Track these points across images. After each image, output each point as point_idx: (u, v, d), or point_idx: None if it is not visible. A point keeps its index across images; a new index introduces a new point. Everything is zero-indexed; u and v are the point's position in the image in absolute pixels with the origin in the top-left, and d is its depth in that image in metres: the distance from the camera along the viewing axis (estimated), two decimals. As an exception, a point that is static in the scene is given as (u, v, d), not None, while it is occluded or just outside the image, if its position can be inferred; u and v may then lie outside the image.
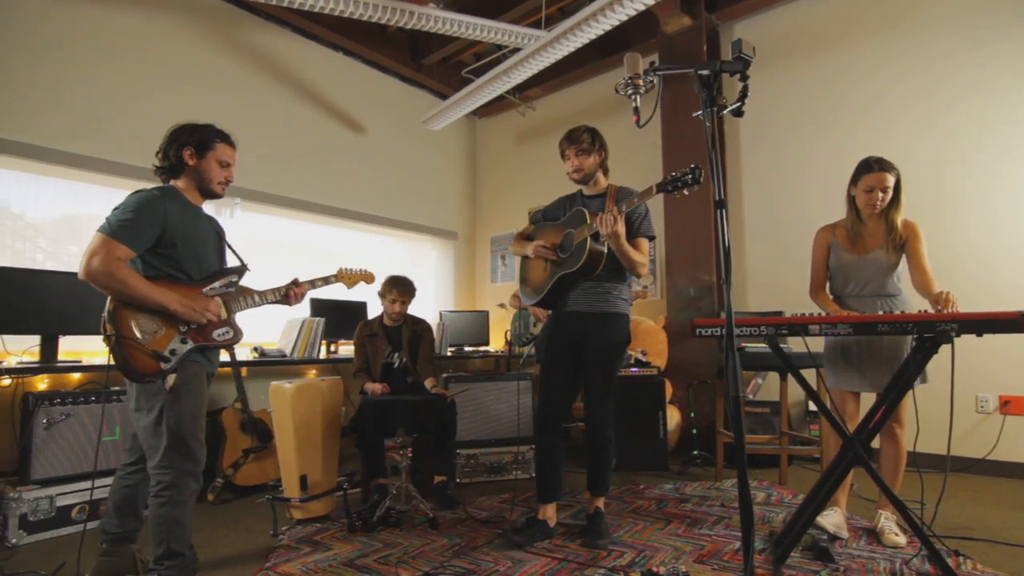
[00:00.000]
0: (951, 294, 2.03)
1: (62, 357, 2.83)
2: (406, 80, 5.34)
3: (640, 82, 1.67)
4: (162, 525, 1.76)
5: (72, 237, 3.32)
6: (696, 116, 1.55)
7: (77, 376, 2.92)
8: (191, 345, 1.84)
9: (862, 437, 2.01)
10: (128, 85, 3.50)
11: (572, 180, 2.47)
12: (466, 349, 4.89)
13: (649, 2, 3.27)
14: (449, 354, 4.63)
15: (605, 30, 3.55)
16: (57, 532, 2.46)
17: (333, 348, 4.09)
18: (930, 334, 1.85)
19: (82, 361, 2.89)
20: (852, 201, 2.41)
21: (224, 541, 2.40)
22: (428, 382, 3.11)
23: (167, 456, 1.77)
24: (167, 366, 1.77)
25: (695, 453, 3.54)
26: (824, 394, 2.67)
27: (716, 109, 1.53)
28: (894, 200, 2.33)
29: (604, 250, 2.24)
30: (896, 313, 2.19)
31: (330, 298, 4.04)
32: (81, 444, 2.61)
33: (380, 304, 3.25)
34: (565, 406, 2.47)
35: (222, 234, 2.10)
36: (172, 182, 1.96)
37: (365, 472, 2.94)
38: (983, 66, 3.37)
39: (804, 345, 2.14)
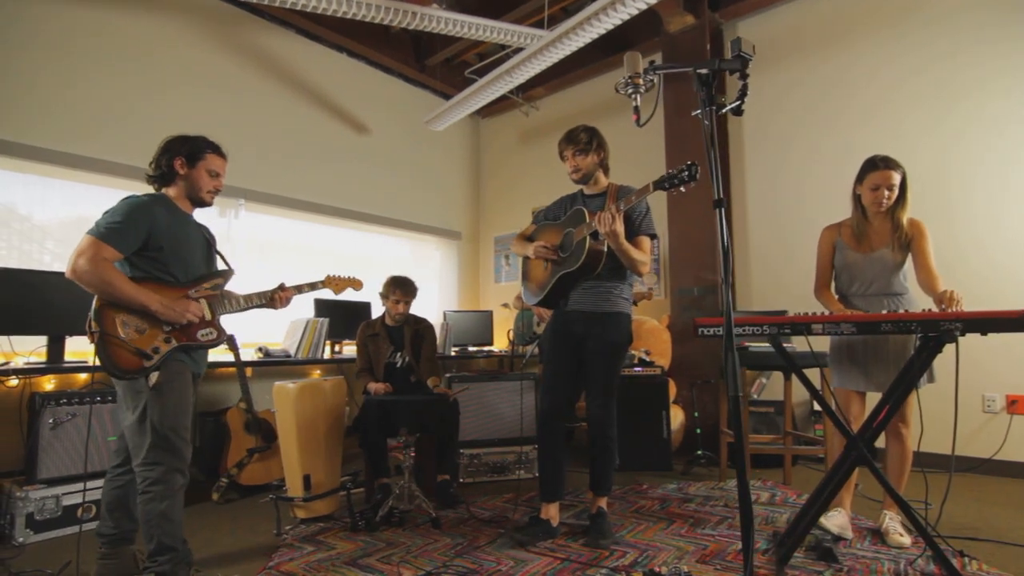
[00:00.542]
0: (955, 293, 2.01)
1: (68, 358, 2.86)
2: (409, 80, 5.35)
3: (640, 81, 1.67)
4: (152, 521, 1.79)
5: (80, 239, 3.34)
6: (696, 115, 1.55)
7: (83, 377, 2.94)
8: (174, 344, 1.88)
9: (866, 437, 2.00)
10: (134, 87, 3.53)
11: (572, 180, 2.47)
12: (470, 349, 4.89)
13: (651, 1, 3.26)
14: (453, 354, 4.64)
15: (607, 29, 3.55)
16: (63, 531, 2.47)
17: (337, 348, 4.10)
18: (934, 333, 1.84)
19: (88, 362, 2.91)
20: (858, 199, 2.40)
21: (228, 540, 2.41)
22: (430, 381, 3.11)
23: (152, 452, 1.80)
24: (149, 364, 1.81)
25: (699, 453, 3.53)
26: (828, 394, 2.65)
27: (715, 108, 1.52)
28: (900, 198, 2.31)
29: (604, 249, 2.23)
30: (901, 312, 2.18)
31: (334, 298, 4.04)
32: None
33: (382, 305, 3.26)
34: (567, 405, 2.47)
35: (212, 241, 2.15)
36: (164, 190, 2.03)
37: (368, 472, 2.95)
38: (990, 64, 3.34)
39: (807, 344, 2.14)
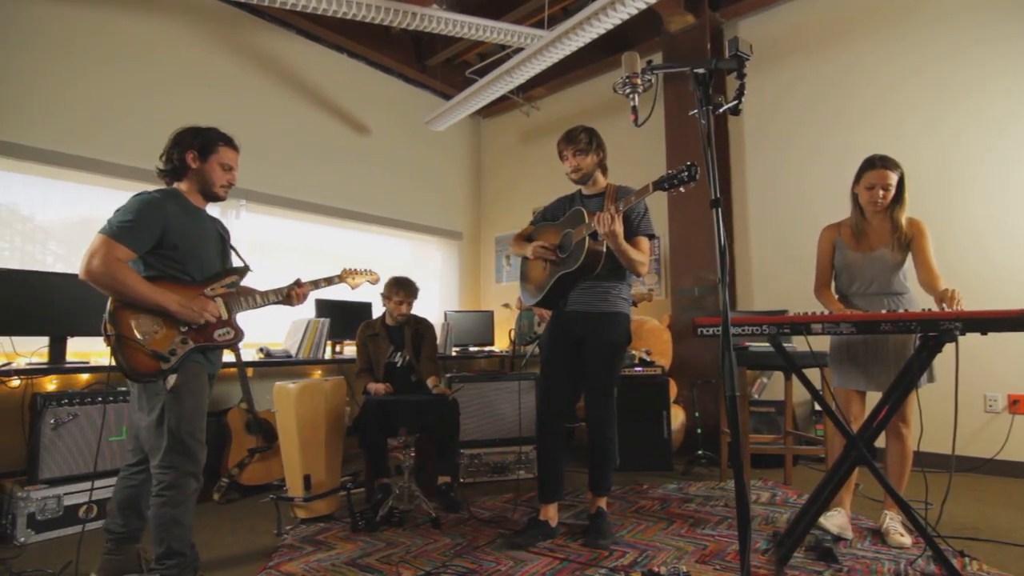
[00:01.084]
0: (956, 292, 2.01)
1: (70, 358, 2.87)
2: (410, 81, 5.35)
3: (638, 81, 1.67)
4: (163, 525, 1.77)
5: (82, 240, 3.33)
6: (692, 115, 1.55)
7: (85, 377, 2.95)
8: (191, 345, 1.85)
9: (866, 436, 2.00)
10: (134, 88, 3.54)
11: (571, 180, 2.47)
12: (471, 349, 4.90)
13: (651, 0, 3.26)
14: (454, 354, 4.64)
15: (607, 29, 3.54)
16: (64, 531, 2.48)
17: (338, 349, 4.11)
18: (934, 333, 1.84)
19: (90, 362, 2.92)
20: (856, 199, 2.40)
21: (228, 540, 2.42)
22: (430, 381, 3.11)
23: (168, 456, 1.78)
24: (167, 366, 1.78)
25: (700, 453, 3.53)
26: (828, 394, 2.65)
27: (712, 108, 1.52)
28: (898, 198, 2.31)
29: (603, 249, 2.23)
30: (900, 312, 2.18)
31: (335, 299, 4.06)
32: (88, 444, 2.63)
33: (383, 305, 3.26)
34: (566, 406, 2.47)
35: (226, 236, 2.10)
36: (175, 185, 1.98)
37: (368, 472, 2.95)
38: (990, 64, 3.33)
39: (807, 344, 2.14)
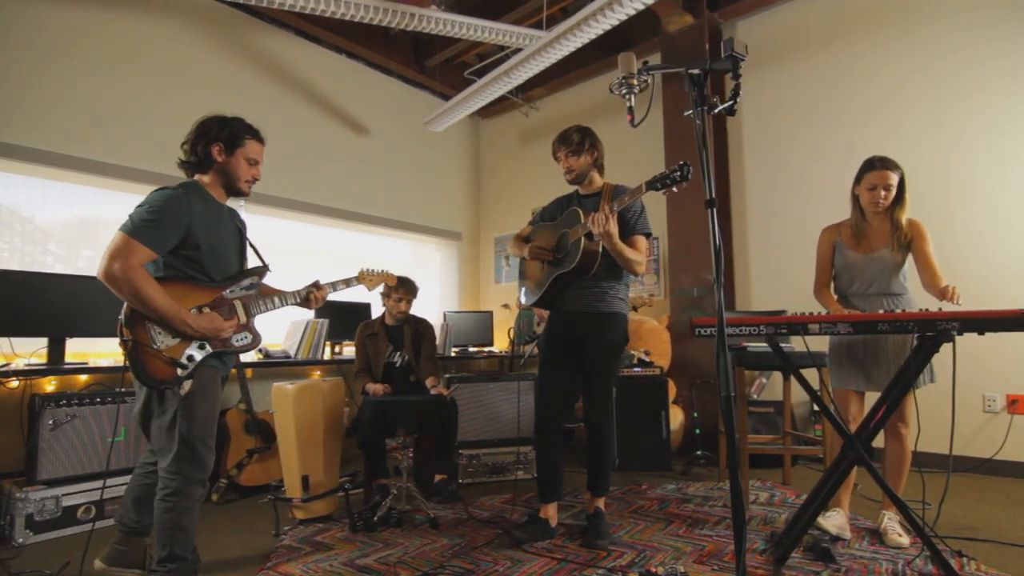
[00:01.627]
0: (955, 288, 2.04)
1: (69, 359, 2.87)
2: (409, 82, 5.36)
3: (634, 81, 1.67)
4: (166, 530, 1.75)
5: (82, 241, 3.37)
6: (687, 115, 1.55)
7: (84, 378, 2.96)
8: (208, 351, 1.80)
9: (863, 436, 2.00)
10: (134, 89, 3.54)
11: (567, 180, 2.48)
12: (470, 349, 4.90)
13: (649, 1, 3.26)
14: (453, 354, 4.64)
15: (605, 29, 3.55)
16: (63, 532, 2.48)
17: (337, 349, 4.11)
18: (931, 333, 1.84)
19: (88, 363, 2.93)
20: (856, 200, 2.40)
21: (227, 541, 2.42)
22: (429, 381, 3.12)
23: (176, 462, 1.74)
24: (183, 373, 1.74)
25: (698, 453, 3.53)
26: (826, 394, 2.65)
27: (707, 108, 1.52)
28: (898, 199, 2.31)
29: (599, 249, 2.24)
30: (898, 312, 2.18)
31: (334, 299, 4.05)
32: (86, 445, 2.64)
33: (383, 304, 3.26)
34: (565, 406, 2.48)
35: (244, 230, 2.03)
36: (196, 176, 1.89)
37: (367, 472, 2.95)
38: (990, 64, 3.33)
39: (804, 344, 2.14)
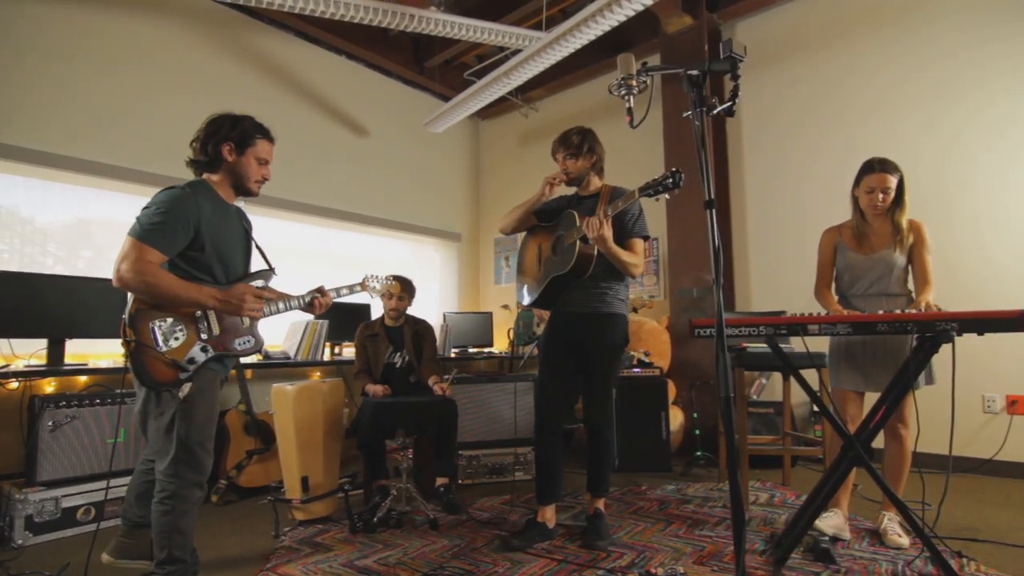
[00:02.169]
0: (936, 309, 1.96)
1: (68, 360, 2.87)
2: (409, 83, 5.36)
3: (633, 83, 1.67)
4: (164, 532, 1.74)
5: (81, 242, 3.37)
6: (686, 116, 1.55)
7: (83, 379, 2.95)
8: (211, 354, 1.79)
9: (863, 437, 2.00)
10: (133, 90, 3.54)
11: (566, 182, 2.48)
12: (470, 350, 4.90)
13: (648, 2, 3.26)
14: (453, 355, 4.64)
15: (605, 31, 3.55)
16: (62, 533, 2.48)
17: (337, 350, 4.11)
18: (930, 333, 1.84)
19: (88, 364, 2.93)
20: (856, 202, 2.40)
21: (226, 542, 2.42)
22: (432, 379, 3.11)
23: (173, 465, 1.73)
24: (185, 375, 1.73)
25: (698, 454, 3.53)
26: (826, 395, 2.65)
27: (706, 109, 1.52)
28: (898, 201, 2.31)
29: (594, 252, 2.25)
30: (897, 312, 2.18)
31: (334, 300, 4.05)
32: (86, 446, 2.64)
33: (382, 303, 3.26)
34: (565, 407, 2.47)
35: (250, 231, 2.01)
36: (206, 175, 1.87)
37: (367, 473, 2.95)
38: (990, 64, 3.33)
39: (803, 345, 2.14)
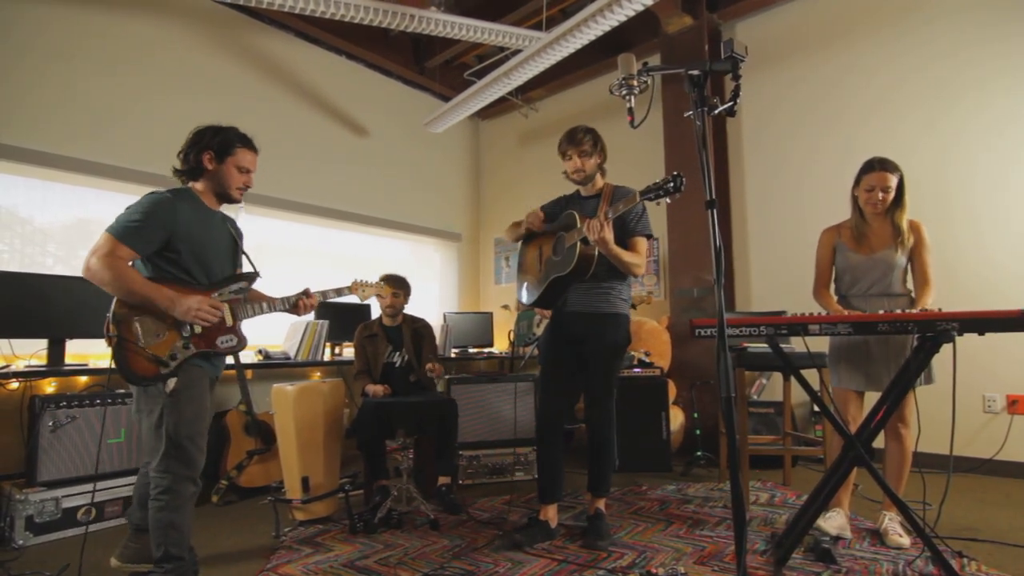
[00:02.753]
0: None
1: (69, 360, 2.87)
2: (409, 83, 5.36)
3: (634, 83, 1.67)
4: (160, 529, 1.77)
5: (81, 242, 3.37)
6: (687, 116, 1.55)
7: (84, 379, 2.95)
8: (193, 351, 1.84)
9: (863, 437, 2.00)
10: (133, 90, 3.54)
11: (571, 180, 2.47)
12: (470, 350, 4.90)
13: (648, 2, 3.26)
14: (453, 355, 4.64)
15: (605, 31, 3.55)
16: (63, 534, 2.48)
17: (337, 350, 4.11)
18: (931, 333, 1.84)
19: (89, 364, 2.92)
20: (855, 201, 2.40)
21: (227, 542, 2.42)
22: (428, 364, 3.12)
23: (164, 461, 1.77)
24: (166, 371, 1.77)
25: (699, 454, 3.53)
26: (826, 395, 2.65)
27: (707, 109, 1.52)
28: (898, 201, 2.31)
29: (594, 253, 2.24)
30: (897, 312, 2.18)
31: (334, 300, 4.05)
32: (87, 446, 2.63)
33: (378, 303, 3.27)
34: (566, 406, 2.48)
35: (238, 238, 2.08)
36: (191, 184, 1.96)
37: (367, 474, 2.95)
38: (990, 64, 3.33)
39: (804, 345, 2.14)
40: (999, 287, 3.16)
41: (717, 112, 1.55)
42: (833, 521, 2.26)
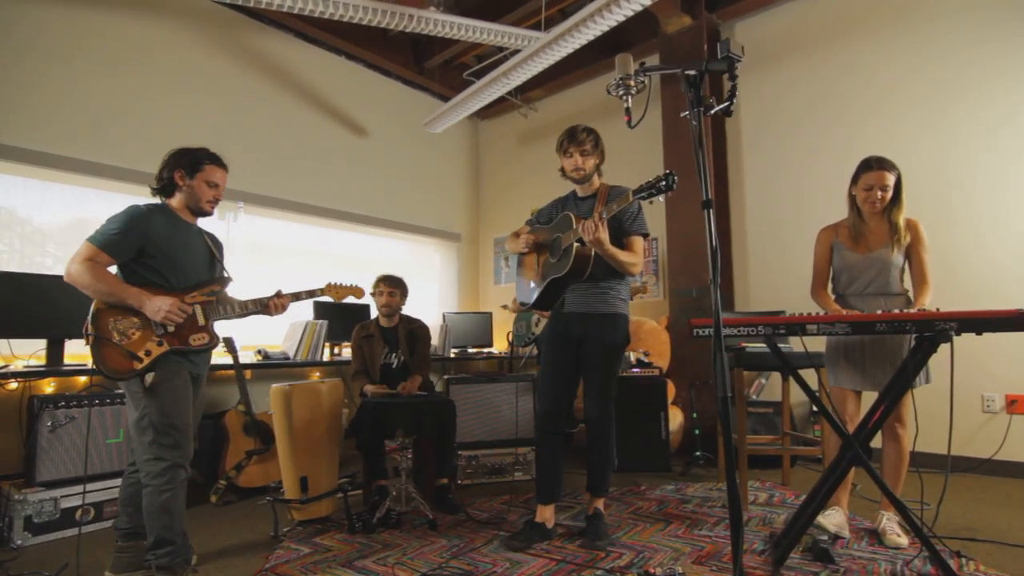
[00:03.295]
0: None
1: (68, 361, 2.87)
2: (408, 83, 5.37)
3: (631, 83, 1.67)
4: (152, 514, 1.87)
5: (80, 242, 3.36)
6: (684, 116, 1.55)
7: (83, 379, 2.96)
8: (166, 348, 1.97)
9: (861, 437, 2.00)
10: (133, 91, 3.55)
11: (570, 178, 2.46)
12: (469, 350, 4.90)
13: (647, 2, 3.26)
14: (452, 355, 4.64)
15: (604, 31, 3.55)
16: (62, 534, 2.48)
17: (336, 351, 4.11)
18: (929, 333, 1.84)
19: (87, 364, 2.92)
20: (853, 200, 2.40)
21: (225, 542, 2.42)
22: (416, 379, 3.11)
23: (152, 448, 1.89)
24: (140, 366, 1.90)
25: (697, 454, 3.52)
26: (824, 395, 2.65)
27: (703, 109, 1.52)
28: (895, 199, 2.31)
29: (591, 254, 2.24)
30: (895, 312, 2.18)
31: (333, 300, 4.06)
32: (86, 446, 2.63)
33: (376, 304, 3.27)
34: (565, 406, 2.47)
35: (216, 248, 2.23)
36: (167, 201, 2.14)
37: (366, 474, 2.95)
38: (990, 64, 3.33)
39: (802, 345, 2.14)
40: (998, 287, 3.16)
41: (713, 112, 1.55)
42: (832, 518, 2.26)
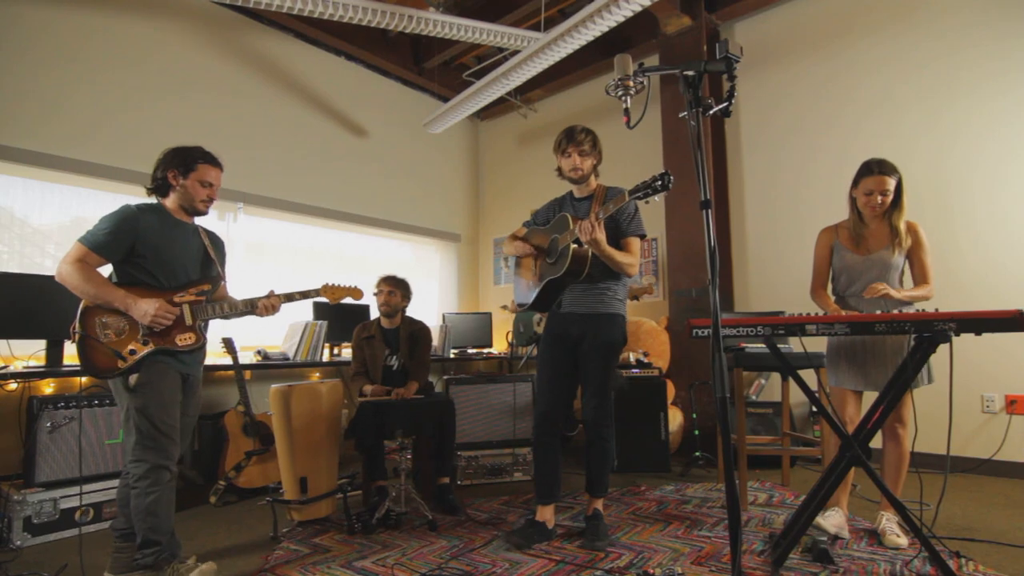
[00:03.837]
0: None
1: (67, 361, 2.87)
2: (408, 83, 5.37)
3: (630, 83, 1.67)
4: (138, 515, 1.89)
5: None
6: (683, 117, 1.55)
7: (82, 380, 2.95)
8: (151, 348, 1.97)
9: (860, 437, 2.00)
10: (132, 91, 3.55)
11: (568, 178, 2.45)
12: (469, 351, 4.90)
13: (646, 3, 3.26)
14: (452, 356, 4.64)
15: (603, 31, 3.55)
16: (61, 534, 2.48)
17: (336, 351, 4.11)
18: (928, 333, 1.84)
19: (87, 365, 2.92)
20: (853, 203, 2.41)
21: (225, 543, 2.42)
22: (411, 385, 3.11)
23: (136, 450, 1.90)
24: (124, 365, 1.90)
25: (697, 454, 3.52)
26: (824, 395, 2.65)
27: (702, 110, 1.52)
28: (896, 203, 2.31)
29: (588, 255, 2.24)
30: (895, 312, 2.18)
31: (329, 302, 4.06)
32: (85, 447, 2.63)
33: (377, 304, 3.27)
34: (563, 406, 2.47)
35: (215, 247, 2.21)
36: (161, 200, 2.13)
37: (365, 474, 2.95)
38: (989, 64, 3.33)
39: (801, 345, 2.14)
40: (998, 287, 3.16)
41: (712, 113, 1.55)
42: (832, 519, 2.26)
